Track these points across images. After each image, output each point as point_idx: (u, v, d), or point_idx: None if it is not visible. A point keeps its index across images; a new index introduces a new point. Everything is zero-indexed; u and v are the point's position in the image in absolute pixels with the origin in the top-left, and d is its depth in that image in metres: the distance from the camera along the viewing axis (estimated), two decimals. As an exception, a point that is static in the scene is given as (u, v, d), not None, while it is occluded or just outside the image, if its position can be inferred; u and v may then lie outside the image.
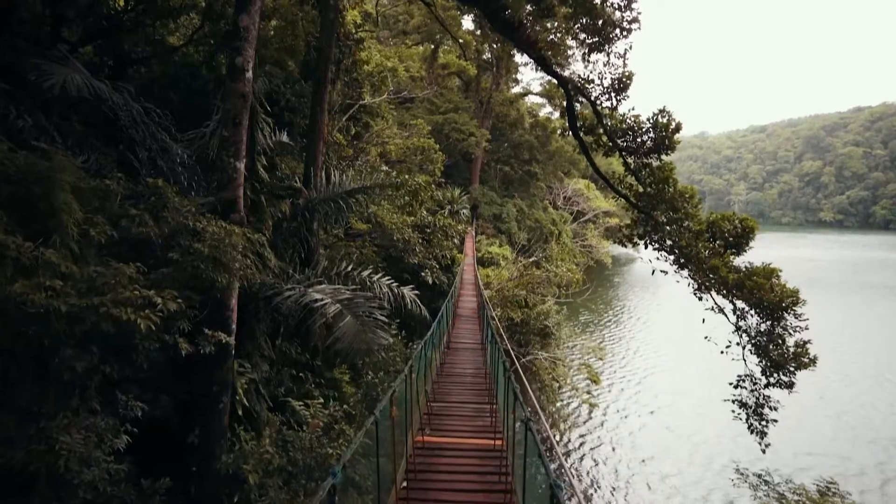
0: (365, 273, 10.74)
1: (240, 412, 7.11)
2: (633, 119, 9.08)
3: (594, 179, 64.06)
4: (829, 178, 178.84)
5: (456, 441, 7.76)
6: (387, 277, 11.11)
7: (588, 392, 19.67)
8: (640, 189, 9.34)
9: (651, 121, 8.94)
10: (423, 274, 15.51)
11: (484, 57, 48.29)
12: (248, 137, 9.35)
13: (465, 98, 47.98)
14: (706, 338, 8.90)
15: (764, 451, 8.76)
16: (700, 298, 8.94)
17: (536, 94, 48.90)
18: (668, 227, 8.79)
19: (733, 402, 8.89)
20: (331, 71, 15.70)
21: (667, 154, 9.07)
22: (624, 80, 8.86)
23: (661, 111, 8.84)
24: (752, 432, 8.74)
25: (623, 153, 9.25)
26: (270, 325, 10.10)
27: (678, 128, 8.83)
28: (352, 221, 17.55)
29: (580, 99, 9.43)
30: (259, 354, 9.60)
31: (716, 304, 8.85)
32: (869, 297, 46.89)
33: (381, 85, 22.94)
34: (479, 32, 46.99)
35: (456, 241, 14.27)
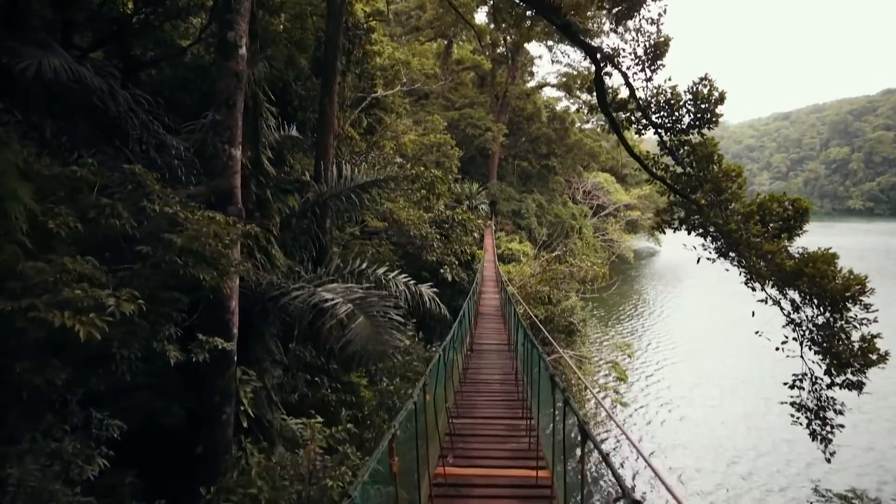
0: (380, 271, 10.09)
1: (244, 424, 6.50)
2: (670, 91, 8.21)
3: (615, 172, 62.69)
4: (857, 165, 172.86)
5: (487, 473, 6.35)
6: (403, 275, 10.44)
7: (616, 391, 18.74)
8: (678, 170, 8.47)
9: (690, 91, 8.06)
10: (441, 271, 14.83)
11: (498, 50, 47.38)
12: (251, 128, 8.80)
13: (481, 93, 47.17)
14: (757, 333, 8.03)
15: (829, 460, 7.82)
16: (754, 289, 8.02)
17: (553, 85, 47.75)
18: (711, 211, 7.90)
19: (791, 404, 7.96)
20: (340, 62, 15.15)
21: (709, 128, 8.16)
22: (659, 47, 8.00)
23: (703, 79, 7.94)
24: (814, 439, 7.80)
25: (658, 130, 8.39)
26: (281, 328, 9.54)
27: (722, 98, 7.92)
28: (367, 219, 16.98)
29: (609, 72, 8.61)
30: (270, 359, 9.03)
31: (767, 294, 7.95)
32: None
33: (394, 79, 22.36)
34: (492, 26, 46.19)
35: (476, 235, 13.53)
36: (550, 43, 46.75)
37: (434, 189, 11.97)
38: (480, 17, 46.21)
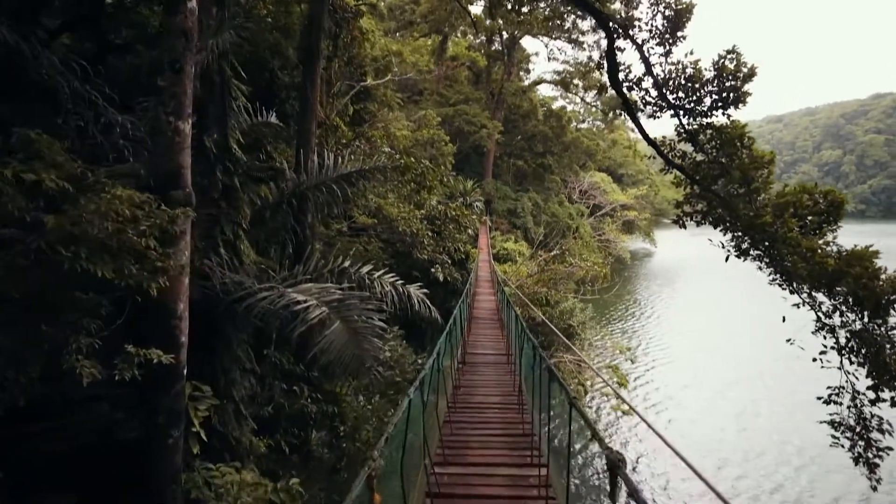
0: (364, 269, 9.11)
1: (195, 450, 5.51)
2: (691, 66, 7.26)
3: (612, 171, 61.98)
4: (849, 167, 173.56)
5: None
6: (391, 275, 9.47)
7: (618, 397, 17.83)
8: (698, 157, 7.55)
9: (714, 67, 7.12)
10: (433, 270, 13.83)
11: (494, 47, 46.48)
12: (218, 108, 7.81)
13: (476, 90, 46.22)
14: (789, 341, 7.14)
15: (875, 489, 6.92)
16: (792, 292, 7.13)
17: (550, 82, 46.89)
18: (740, 202, 6.96)
19: (830, 423, 7.04)
20: (326, 46, 14.16)
21: (736, 108, 7.23)
22: (680, 15, 7.08)
23: (729, 52, 7.00)
24: (857, 463, 6.89)
25: (677, 111, 7.48)
26: (254, 333, 8.55)
27: (752, 73, 6.96)
28: (356, 215, 16.00)
29: (622, 47, 7.68)
30: (240, 368, 8.04)
31: (800, 296, 7.06)
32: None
33: (386, 69, 21.40)
34: (489, 22, 45.30)
35: (470, 232, 12.55)
36: (547, 39, 45.99)
37: (425, 182, 11.00)
38: (476, 10, 45.26)
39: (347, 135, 13.33)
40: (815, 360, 6.90)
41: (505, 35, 45.08)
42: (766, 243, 6.83)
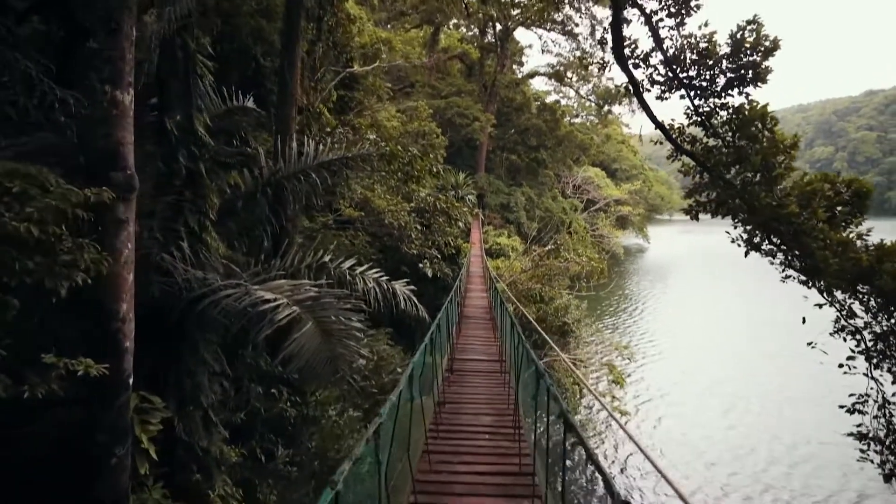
0: (346, 265, 8.42)
1: (143, 471, 4.81)
2: (705, 40, 6.56)
3: (606, 167, 61.49)
4: (841, 164, 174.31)
5: None
6: (374, 270, 8.79)
7: (615, 396, 17.31)
8: (710, 142, 6.88)
9: (732, 40, 6.44)
10: (420, 265, 13.12)
11: (487, 39, 45.64)
12: (181, 85, 7.07)
13: (469, 82, 45.41)
14: (811, 345, 6.56)
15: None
16: (821, 291, 6.47)
17: (544, 74, 46.18)
18: (759, 191, 6.28)
19: (856, 435, 6.42)
20: (309, 28, 13.40)
21: (755, 87, 6.55)
22: (694, -18, 6.43)
23: (750, 23, 6.30)
24: (888, 481, 6.26)
25: (688, 91, 6.79)
26: (224, 333, 7.83)
27: (774, 47, 6.24)
28: (342, 207, 15.27)
29: (628, 18, 6.97)
30: (209, 372, 7.34)
31: (823, 295, 6.45)
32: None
33: (375, 57, 20.61)
34: (481, 15, 44.46)
35: (461, 225, 11.85)
36: (541, 31, 45.27)
37: (413, 171, 10.30)
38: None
39: (331, 122, 12.58)
40: (841, 366, 6.31)
41: (498, 27, 44.27)
42: (787, 236, 6.21)
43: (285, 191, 8.71)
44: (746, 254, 7.55)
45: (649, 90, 7.21)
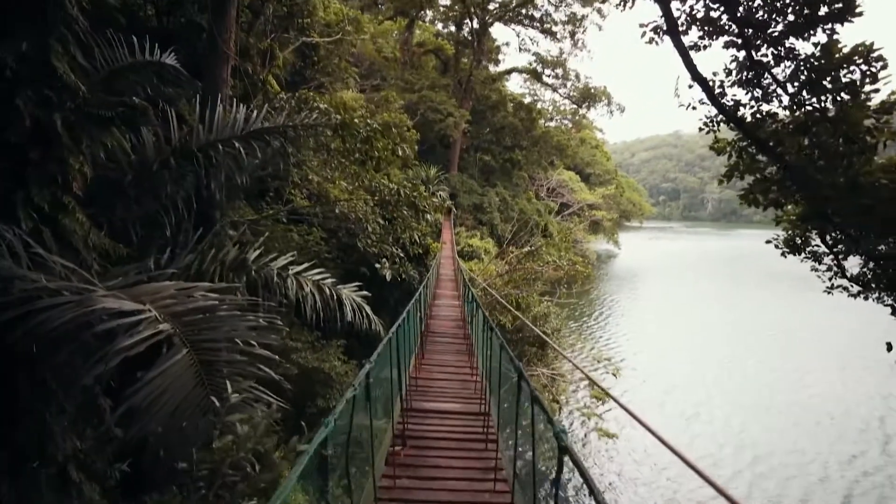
0: (277, 263, 6.44)
1: None
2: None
3: (580, 171, 60.68)
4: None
5: None
6: (317, 271, 6.84)
7: (598, 415, 15.72)
8: (765, 107, 5.21)
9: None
10: (377, 265, 11.04)
11: (463, 33, 44.04)
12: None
13: (444, 77, 43.67)
14: (889, 347, 5.05)
15: None
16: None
17: (521, 71, 44.86)
18: (837, 170, 4.56)
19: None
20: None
21: (842, 24, 4.92)
22: None
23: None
24: None
25: (742, 30, 5.02)
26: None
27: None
28: (294, 198, 13.16)
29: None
30: (59, 411, 5.23)
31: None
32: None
33: (340, 40, 18.53)
34: (457, 9, 42.87)
35: (429, 217, 9.93)
36: (519, 28, 43.96)
37: (372, 149, 8.37)
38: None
39: (276, 89, 10.56)
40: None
41: (476, 21, 42.73)
42: (875, 229, 4.60)
43: (199, 165, 6.66)
44: (784, 255, 5.94)
45: (686, 33, 5.49)
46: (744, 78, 5.29)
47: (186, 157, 6.50)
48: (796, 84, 4.98)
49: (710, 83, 5.48)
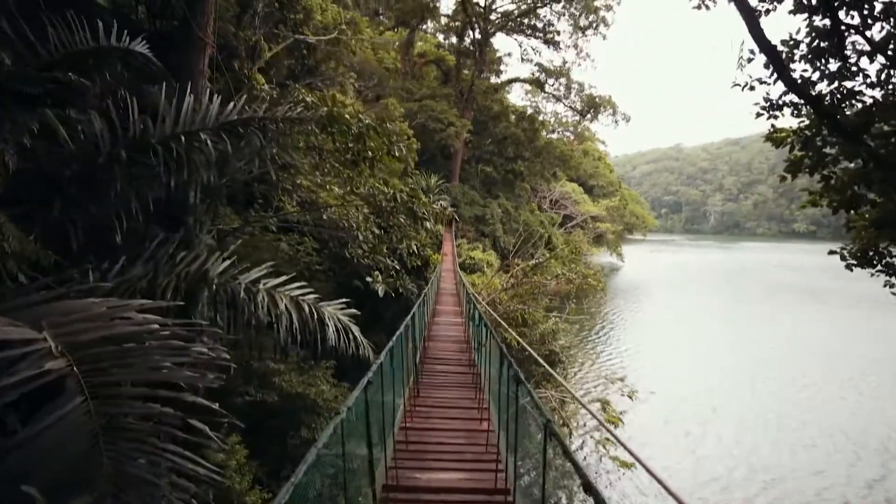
0: (248, 276, 5.42)
1: None
2: None
3: (583, 182, 59.84)
4: (802, 192, 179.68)
5: None
6: (296, 285, 5.82)
7: (608, 439, 14.54)
8: (849, 84, 4.26)
9: None
10: (369, 279, 10.00)
11: (465, 43, 43.48)
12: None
13: (445, 87, 43.04)
14: None
15: None
16: None
17: (524, 80, 44.20)
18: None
19: None
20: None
21: None
22: None
23: None
24: None
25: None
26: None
27: None
28: (284, 205, 12.18)
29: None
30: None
31: None
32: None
33: (338, 40, 17.73)
34: (459, 18, 42.41)
35: (429, 226, 8.96)
36: (521, 38, 43.42)
37: (366, 152, 7.40)
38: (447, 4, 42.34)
39: (260, 82, 9.64)
40: None
41: (477, 31, 42.21)
42: None
43: (158, 159, 5.66)
44: (850, 268, 4.93)
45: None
46: (819, 47, 4.33)
47: (143, 150, 5.51)
48: (889, 52, 3.99)
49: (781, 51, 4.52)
